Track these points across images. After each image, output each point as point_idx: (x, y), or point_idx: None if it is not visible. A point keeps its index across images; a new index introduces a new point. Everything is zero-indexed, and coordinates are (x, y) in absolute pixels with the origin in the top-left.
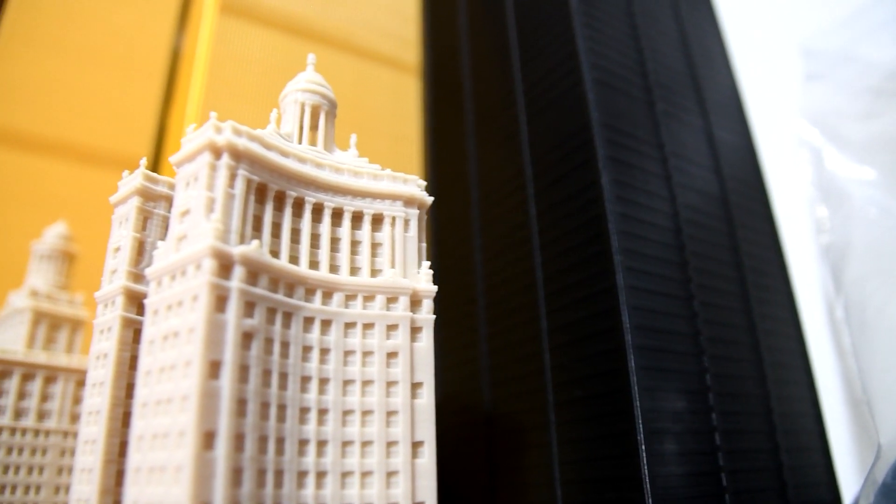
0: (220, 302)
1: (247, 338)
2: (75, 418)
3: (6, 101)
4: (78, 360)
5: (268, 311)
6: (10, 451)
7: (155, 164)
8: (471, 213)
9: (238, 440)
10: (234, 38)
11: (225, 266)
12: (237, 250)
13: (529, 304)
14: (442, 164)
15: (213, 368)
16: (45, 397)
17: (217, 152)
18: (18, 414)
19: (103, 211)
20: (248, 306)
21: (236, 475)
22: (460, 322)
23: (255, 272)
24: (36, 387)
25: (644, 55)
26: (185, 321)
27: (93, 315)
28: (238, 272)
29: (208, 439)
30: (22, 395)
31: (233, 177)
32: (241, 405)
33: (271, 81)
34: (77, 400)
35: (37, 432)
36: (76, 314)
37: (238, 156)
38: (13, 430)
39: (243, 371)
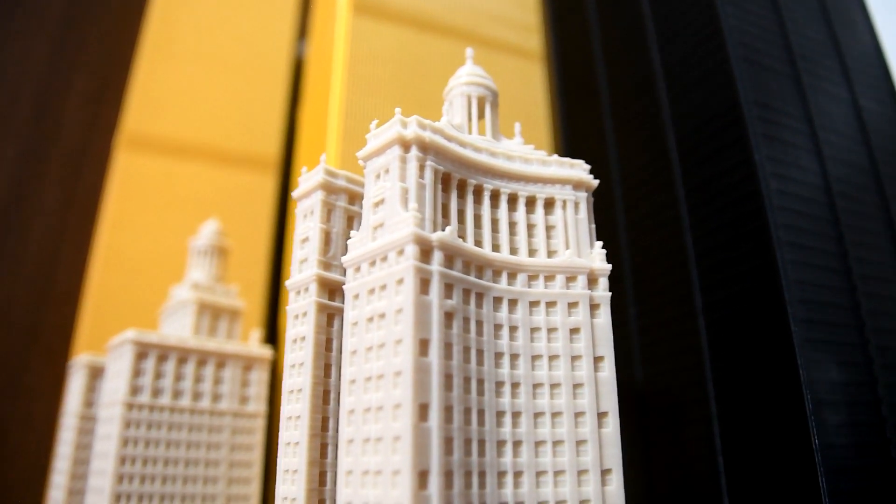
0: (424, 284)
1: (448, 317)
2: (244, 400)
3: (152, 111)
4: (240, 346)
5: (464, 292)
6: (191, 429)
7: (288, 161)
8: (613, 194)
9: (447, 412)
10: (366, 36)
11: (425, 251)
12: (435, 236)
13: (681, 282)
14: (577, 148)
15: (423, 346)
16: (217, 381)
17: (406, 145)
18: (196, 396)
19: (239, 207)
20: (448, 288)
21: (448, 444)
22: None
23: (451, 256)
24: (209, 371)
25: (786, 28)
26: (392, 303)
27: (247, 304)
28: (437, 256)
29: (423, 411)
30: (198, 379)
31: (422, 168)
32: (448, 379)
33: (404, 75)
34: (244, 383)
35: (212, 413)
36: (233, 304)
37: (426, 148)
38: (192, 411)
39: (448, 348)
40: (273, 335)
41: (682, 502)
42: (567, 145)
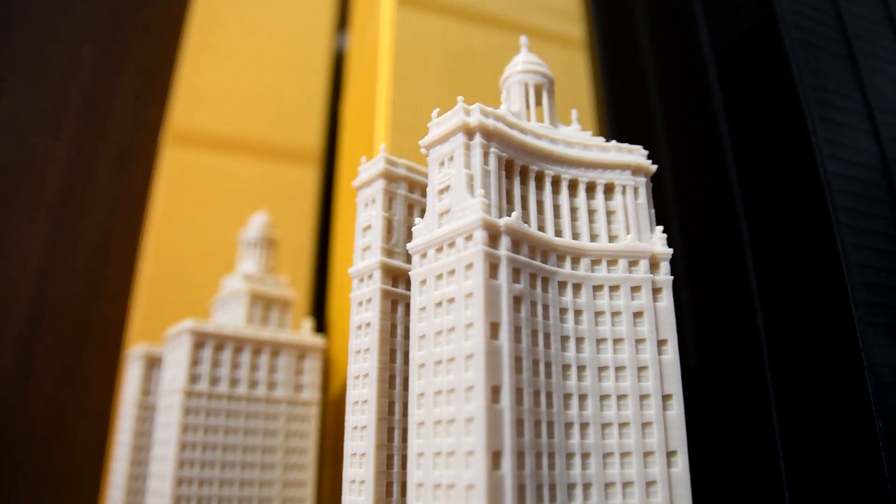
0: (493, 269)
1: (517, 301)
2: (298, 388)
3: (197, 107)
4: (293, 335)
5: (530, 276)
6: (248, 417)
7: (331, 152)
8: (663, 180)
9: (518, 394)
10: (410, 28)
11: (493, 236)
12: (503, 221)
13: (736, 267)
14: (625, 135)
15: (494, 329)
16: (272, 369)
17: (470, 133)
18: (252, 384)
19: (283, 199)
20: (515, 272)
21: (519, 426)
22: None
23: (517, 241)
24: (264, 360)
25: (840, 7)
26: (462, 287)
27: (297, 295)
28: (505, 241)
29: (495, 393)
30: (253, 368)
31: (486, 155)
32: (517, 362)
33: (449, 66)
34: (298, 371)
35: (268, 401)
36: (284, 294)
37: (489, 135)
38: (249, 399)
39: (517, 331)
40: (321, 324)
41: (741, 488)
42: (614, 133)
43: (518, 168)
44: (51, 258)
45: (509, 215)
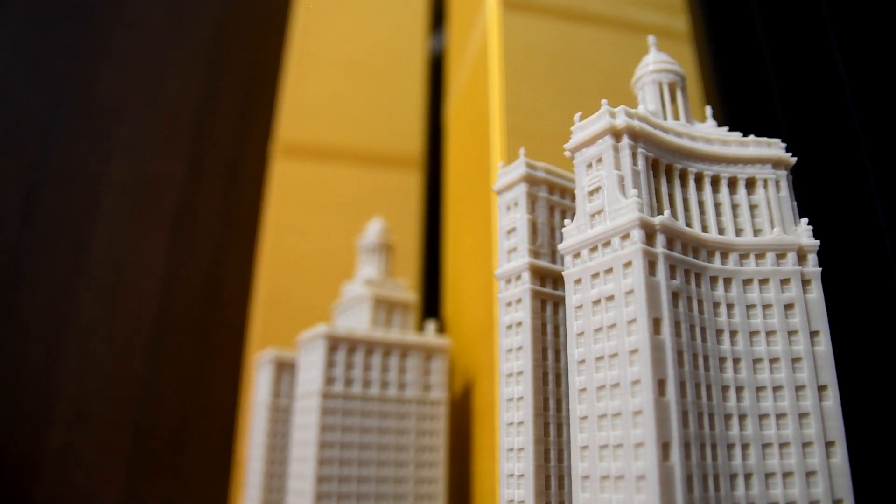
0: (651, 266)
1: (675, 297)
2: (427, 388)
3: (301, 118)
4: (419, 337)
5: (685, 272)
6: (381, 416)
7: (434, 156)
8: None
9: (682, 387)
10: (516, 30)
11: (649, 234)
12: (658, 220)
13: (874, 258)
14: (742, 125)
15: (656, 324)
16: (402, 370)
17: (618, 135)
18: (384, 385)
19: (388, 204)
20: (672, 269)
21: (684, 417)
22: None
23: (671, 238)
24: (394, 361)
25: None
26: (621, 285)
27: (416, 298)
28: (661, 239)
29: (661, 386)
30: (384, 369)
31: (634, 155)
32: (680, 356)
33: (555, 67)
34: (426, 371)
35: (399, 401)
36: (405, 297)
37: (636, 136)
38: (381, 400)
39: (677, 326)
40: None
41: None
42: (730, 124)
43: (663, 167)
44: (172, 271)
45: (661, 213)
